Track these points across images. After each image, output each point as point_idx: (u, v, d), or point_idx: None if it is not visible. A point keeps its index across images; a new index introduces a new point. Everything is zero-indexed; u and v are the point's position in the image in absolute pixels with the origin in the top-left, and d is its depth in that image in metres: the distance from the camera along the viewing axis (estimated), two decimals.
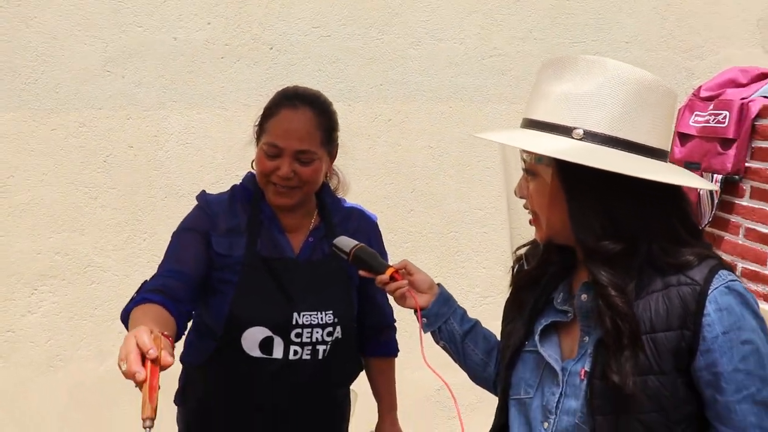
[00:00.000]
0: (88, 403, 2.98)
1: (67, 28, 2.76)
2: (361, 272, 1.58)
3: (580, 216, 1.20)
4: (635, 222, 1.19)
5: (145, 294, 1.55)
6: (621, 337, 1.16)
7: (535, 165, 1.24)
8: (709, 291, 1.15)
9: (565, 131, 1.18)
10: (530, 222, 1.32)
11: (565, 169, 1.19)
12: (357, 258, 1.58)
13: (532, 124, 1.23)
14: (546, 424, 1.26)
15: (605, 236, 1.18)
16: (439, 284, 1.55)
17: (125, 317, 1.52)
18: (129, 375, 1.13)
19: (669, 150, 1.24)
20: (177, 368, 1.93)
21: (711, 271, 1.17)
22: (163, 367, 1.16)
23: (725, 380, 1.14)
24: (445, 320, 1.52)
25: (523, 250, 1.42)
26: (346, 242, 1.61)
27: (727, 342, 1.14)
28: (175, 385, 1.95)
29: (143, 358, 1.16)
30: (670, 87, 1.22)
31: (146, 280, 1.65)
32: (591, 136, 1.17)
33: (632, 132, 1.18)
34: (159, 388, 1.16)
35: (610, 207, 1.18)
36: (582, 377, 1.22)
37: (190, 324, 1.80)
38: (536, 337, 1.32)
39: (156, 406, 1.13)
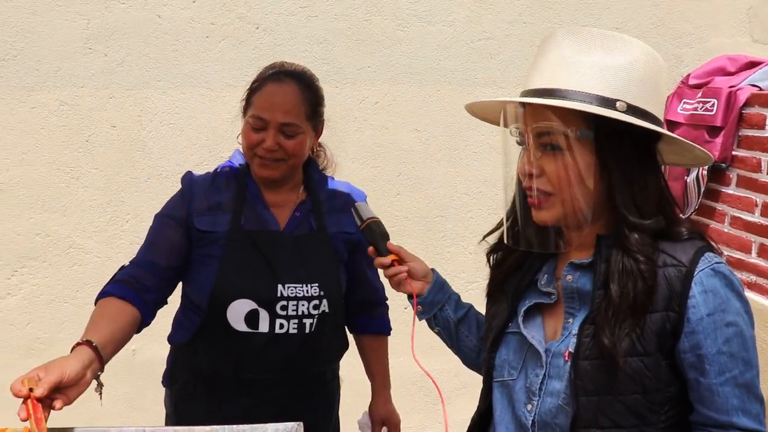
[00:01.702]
0: None
1: (47, 3, 2.70)
2: (370, 249, 1.55)
3: (624, 189, 1.19)
4: (658, 195, 1.21)
5: (110, 286, 1.66)
6: (635, 302, 1.15)
7: (571, 138, 1.19)
8: (695, 273, 1.15)
9: (605, 102, 1.16)
10: (535, 202, 1.24)
11: (607, 141, 1.18)
12: (369, 229, 1.55)
13: (552, 93, 1.18)
14: (529, 406, 1.25)
15: (647, 212, 1.19)
16: (433, 270, 1.53)
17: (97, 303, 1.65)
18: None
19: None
20: (165, 349, 1.92)
21: (697, 253, 1.17)
22: (40, 399, 1.27)
23: (708, 362, 1.15)
24: (440, 307, 1.50)
25: (509, 223, 1.34)
26: (366, 210, 1.58)
27: (711, 324, 1.14)
28: (163, 368, 1.93)
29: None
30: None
31: (124, 265, 1.74)
32: (632, 110, 1.17)
33: (655, 108, 1.20)
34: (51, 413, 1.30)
35: (647, 181, 1.20)
36: (566, 358, 1.21)
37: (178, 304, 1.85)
38: (519, 319, 1.30)
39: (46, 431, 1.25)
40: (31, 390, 1.26)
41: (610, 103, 1.16)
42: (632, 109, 1.16)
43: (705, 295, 1.15)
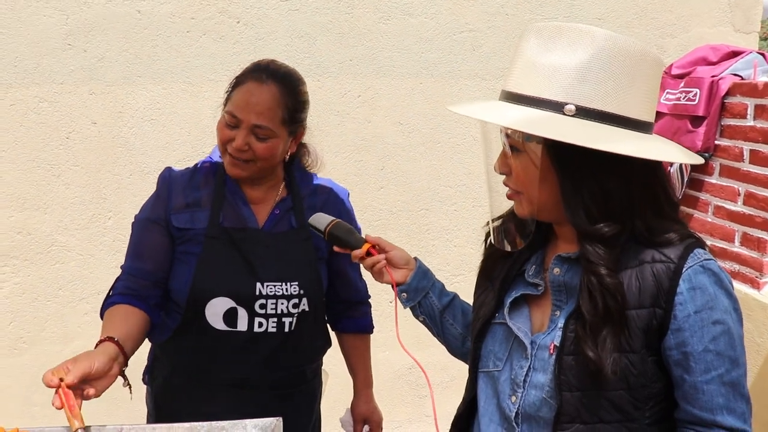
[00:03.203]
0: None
1: None
2: (336, 248, 1.55)
3: (573, 197, 1.16)
4: (626, 199, 1.16)
5: (114, 297, 1.70)
6: (609, 315, 1.13)
7: (523, 142, 1.18)
8: (684, 269, 1.14)
9: (555, 107, 1.13)
10: (509, 197, 1.26)
11: (556, 148, 1.14)
12: (332, 236, 1.54)
13: (517, 98, 1.17)
14: (513, 398, 1.25)
15: (600, 218, 1.15)
16: (416, 258, 1.52)
17: (103, 316, 1.69)
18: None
19: (653, 120, 1.21)
20: (146, 346, 1.90)
21: (686, 249, 1.16)
22: (71, 388, 1.35)
23: (694, 360, 1.14)
24: (424, 294, 1.48)
25: (497, 222, 1.36)
26: (320, 219, 1.57)
27: (698, 321, 1.13)
28: (143, 365, 1.92)
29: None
30: (657, 55, 1.19)
31: (118, 277, 1.76)
32: (583, 112, 1.12)
33: (623, 106, 1.14)
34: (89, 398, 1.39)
35: (602, 186, 1.15)
36: (551, 352, 1.20)
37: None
38: (506, 309, 1.30)
39: (81, 417, 1.32)
40: (61, 380, 1.34)
41: (558, 107, 1.12)
42: (584, 112, 1.12)
43: (693, 292, 1.13)
